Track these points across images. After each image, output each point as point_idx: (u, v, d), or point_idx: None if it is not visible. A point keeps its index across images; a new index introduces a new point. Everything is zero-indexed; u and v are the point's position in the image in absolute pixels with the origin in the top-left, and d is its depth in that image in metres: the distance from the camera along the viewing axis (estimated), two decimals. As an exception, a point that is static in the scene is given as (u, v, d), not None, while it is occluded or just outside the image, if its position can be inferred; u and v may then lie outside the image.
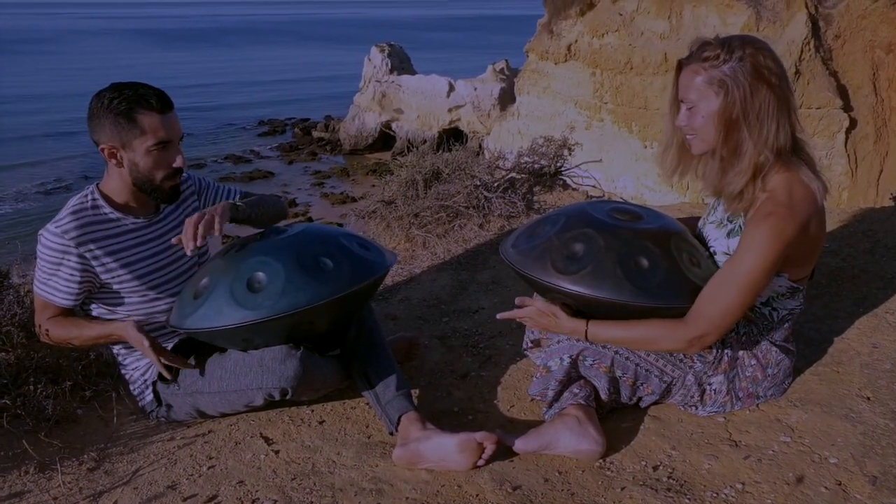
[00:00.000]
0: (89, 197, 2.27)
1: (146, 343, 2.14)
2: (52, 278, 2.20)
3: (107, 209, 2.27)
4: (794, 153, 1.95)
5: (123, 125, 2.15)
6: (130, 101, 2.15)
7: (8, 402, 2.40)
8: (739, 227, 2.04)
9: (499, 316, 2.20)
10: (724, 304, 1.91)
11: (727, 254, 2.06)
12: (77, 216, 2.21)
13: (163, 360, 2.18)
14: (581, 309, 2.12)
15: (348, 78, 41.58)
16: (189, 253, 2.10)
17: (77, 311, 2.31)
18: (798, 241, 1.90)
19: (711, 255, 2.15)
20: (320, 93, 48.47)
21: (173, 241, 2.14)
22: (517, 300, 2.17)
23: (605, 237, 2.05)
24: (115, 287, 2.27)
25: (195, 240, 2.08)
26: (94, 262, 2.21)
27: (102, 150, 2.20)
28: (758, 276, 1.88)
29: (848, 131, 14.75)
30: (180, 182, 2.34)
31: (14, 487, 2.08)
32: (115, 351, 2.41)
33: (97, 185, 2.32)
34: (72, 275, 2.19)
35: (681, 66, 2.00)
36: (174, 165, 2.26)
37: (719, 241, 2.11)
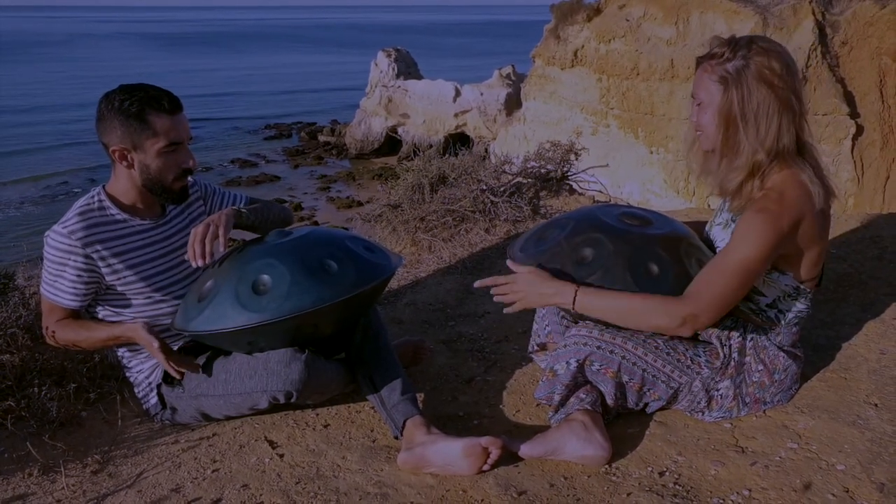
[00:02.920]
0: (96, 198, 2.27)
1: (156, 345, 2.13)
2: (58, 279, 2.19)
3: (113, 210, 2.27)
4: (799, 155, 1.96)
5: (135, 127, 2.15)
6: (142, 102, 2.14)
7: (12, 403, 2.40)
8: None
9: (476, 284, 2.10)
10: (719, 289, 1.90)
11: None
12: (84, 217, 2.21)
13: (172, 363, 2.17)
14: (588, 316, 2.11)
15: (355, 83, 41.71)
16: (195, 265, 2.13)
17: (83, 314, 2.30)
18: (791, 237, 1.91)
19: None
20: (327, 97, 48.67)
21: (186, 256, 2.15)
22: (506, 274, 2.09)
23: (614, 242, 2.05)
24: (121, 289, 2.27)
25: (204, 258, 2.11)
26: (100, 263, 2.21)
27: (113, 152, 2.20)
28: (751, 264, 1.88)
29: (855, 137, 14.71)
30: (188, 183, 2.34)
31: (17, 490, 2.08)
32: (119, 353, 2.41)
33: (103, 186, 2.32)
34: (78, 275, 2.19)
35: (698, 63, 2.04)
36: (185, 166, 2.26)
37: (725, 241, 2.10)
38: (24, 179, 28.52)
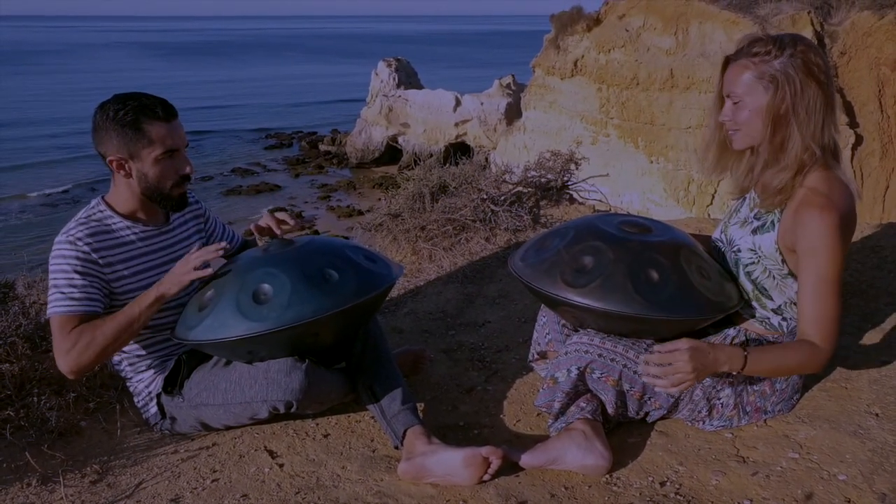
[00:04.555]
0: (96, 208, 2.27)
1: (190, 269, 2.12)
2: (68, 288, 2.12)
3: (115, 219, 2.27)
4: (833, 156, 1.96)
5: (130, 136, 2.15)
6: (136, 111, 2.15)
7: (11, 413, 2.40)
8: (772, 222, 2.02)
9: (644, 369, 1.88)
10: (836, 316, 1.89)
11: (752, 250, 2.06)
12: (86, 226, 2.20)
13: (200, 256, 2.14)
14: (589, 322, 2.10)
15: (355, 93, 41.81)
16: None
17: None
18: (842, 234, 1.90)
19: (721, 267, 2.14)
20: (327, 107, 48.79)
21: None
22: (658, 349, 1.86)
23: (614, 250, 2.05)
24: (123, 297, 2.25)
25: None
26: (105, 269, 2.19)
27: (110, 162, 2.20)
28: (840, 270, 1.88)
29: (854, 147, 14.70)
30: (188, 191, 2.34)
31: (16, 500, 2.07)
32: (118, 367, 2.40)
33: (103, 197, 2.31)
34: (90, 281, 2.15)
35: (727, 62, 2.01)
36: (182, 173, 2.27)
37: (744, 238, 2.10)
38: (22, 196, 28.35)
